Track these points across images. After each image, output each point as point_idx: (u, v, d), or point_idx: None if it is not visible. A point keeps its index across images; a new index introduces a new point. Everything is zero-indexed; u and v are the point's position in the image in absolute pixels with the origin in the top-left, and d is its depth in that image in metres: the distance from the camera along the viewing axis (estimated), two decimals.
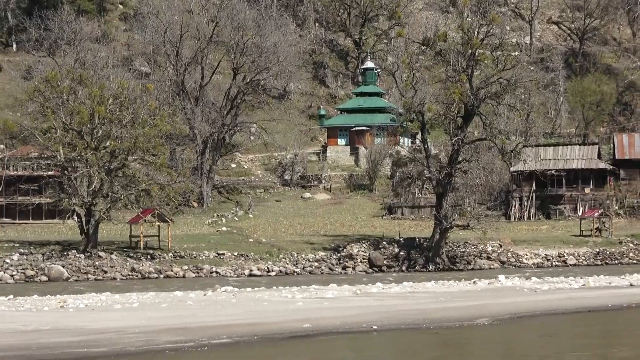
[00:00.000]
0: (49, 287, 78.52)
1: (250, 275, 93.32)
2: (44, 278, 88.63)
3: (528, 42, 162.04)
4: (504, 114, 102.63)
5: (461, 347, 40.86)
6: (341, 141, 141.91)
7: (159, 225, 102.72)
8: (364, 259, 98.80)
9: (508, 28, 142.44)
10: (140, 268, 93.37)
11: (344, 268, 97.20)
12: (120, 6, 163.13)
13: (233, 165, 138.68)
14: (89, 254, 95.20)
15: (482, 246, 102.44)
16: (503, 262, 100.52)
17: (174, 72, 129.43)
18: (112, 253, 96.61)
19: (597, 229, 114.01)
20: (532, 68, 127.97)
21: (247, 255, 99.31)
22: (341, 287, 67.15)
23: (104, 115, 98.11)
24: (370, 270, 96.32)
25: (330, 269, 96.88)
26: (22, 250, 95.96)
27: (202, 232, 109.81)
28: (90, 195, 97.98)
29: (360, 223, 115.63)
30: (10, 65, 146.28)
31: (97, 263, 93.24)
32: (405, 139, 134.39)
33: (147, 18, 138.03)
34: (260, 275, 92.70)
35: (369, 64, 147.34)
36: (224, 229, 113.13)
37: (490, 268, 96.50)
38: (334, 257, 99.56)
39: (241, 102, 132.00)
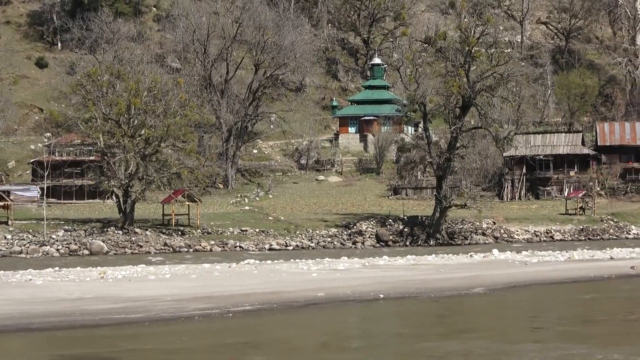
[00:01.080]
0: (91, 260, 78.64)
1: (270, 249, 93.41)
2: (86, 252, 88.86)
3: (519, 40, 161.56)
4: (498, 105, 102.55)
5: (459, 313, 40.80)
6: (351, 129, 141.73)
7: (188, 204, 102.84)
8: (371, 234, 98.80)
9: (501, 28, 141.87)
10: (172, 243, 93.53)
11: (354, 243, 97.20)
12: (154, 9, 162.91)
13: (255, 151, 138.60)
14: (126, 230, 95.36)
15: (478, 223, 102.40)
16: (496, 238, 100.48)
17: (201, 67, 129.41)
18: (146, 230, 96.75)
19: (581, 208, 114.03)
20: (522, 64, 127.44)
21: (267, 232, 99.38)
22: (351, 260, 67.09)
23: (139, 106, 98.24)
24: (378, 245, 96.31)
25: (341, 243, 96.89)
26: (67, 227, 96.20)
27: (227, 211, 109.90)
28: (127, 178, 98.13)
29: (368, 203, 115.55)
30: (55, 62, 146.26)
31: (133, 238, 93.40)
32: (409, 128, 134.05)
33: (178, 19, 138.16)
34: (279, 250, 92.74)
35: (377, 60, 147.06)
36: (247, 208, 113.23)
37: (485, 243, 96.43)
38: (345, 233, 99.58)
39: (262, 94, 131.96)
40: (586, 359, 27.21)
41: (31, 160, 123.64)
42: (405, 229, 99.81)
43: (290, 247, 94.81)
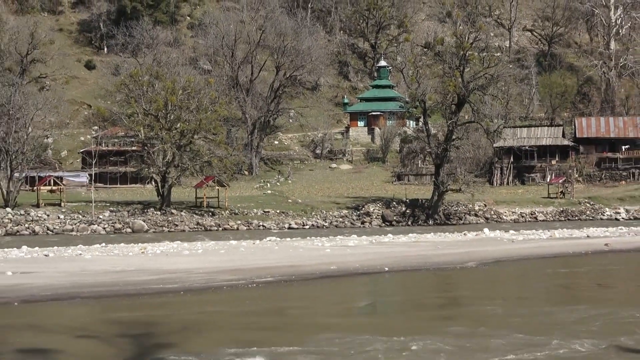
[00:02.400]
0: (132, 237, 78.79)
1: (289, 228, 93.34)
2: (129, 230, 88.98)
3: (507, 45, 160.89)
4: (489, 102, 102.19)
5: (454, 284, 40.85)
6: (360, 123, 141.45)
7: (218, 189, 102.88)
8: (378, 215, 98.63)
9: (492, 34, 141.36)
10: (204, 222, 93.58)
11: (362, 223, 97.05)
12: (188, 17, 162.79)
13: (276, 142, 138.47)
14: (163, 211, 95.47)
15: (471, 206, 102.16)
16: (487, 218, 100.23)
17: (229, 69, 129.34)
18: (181, 211, 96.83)
19: (561, 192, 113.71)
20: (510, 66, 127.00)
21: (286, 213, 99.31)
22: (360, 238, 67.09)
23: (175, 103, 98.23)
24: (383, 225, 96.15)
25: (351, 223, 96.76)
26: (112, 209, 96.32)
27: (251, 195, 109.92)
28: (165, 165, 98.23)
29: (375, 187, 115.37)
30: (102, 64, 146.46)
31: (170, 218, 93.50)
32: (411, 122, 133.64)
33: (209, 27, 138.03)
34: (297, 228, 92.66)
35: (382, 63, 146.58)
36: (269, 192, 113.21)
37: (477, 223, 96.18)
38: (355, 214, 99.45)
39: (282, 92, 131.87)
40: (566, 317, 27.67)
41: (81, 150, 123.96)
42: (407, 211, 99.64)
43: (307, 227, 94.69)
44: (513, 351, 22.23)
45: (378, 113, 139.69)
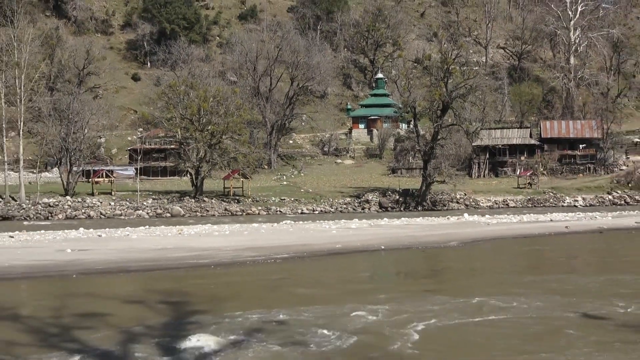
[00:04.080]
0: (171, 220, 79.01)
1: (301, 213, 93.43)
2: (168, 215, 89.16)
3: (484, 60, 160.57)
4: (468, 108, 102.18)
5: (439, 258, 40.84)
6: (361, 126, 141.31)
7: (242, 180, 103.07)
8: (375, 202, 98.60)
9: (471, 51, 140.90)
10: (230, 208, 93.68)
11: (362, 208, 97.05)
12: (217, 37, 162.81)
13: (290, 141, 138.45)
14: (197, 199, 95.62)
15: (453, 194, 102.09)
16: (467, 205, 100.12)
17: (252, 80, 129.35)
18: (212, 198, 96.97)
19: (528, 183, 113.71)
20: (486, 78, 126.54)
21: (299, 200, 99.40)
22: (361, 221, 67.16)
23: (206, 109, 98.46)
24: (380, 210, 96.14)
25: (353, 209, 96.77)
26: (154, 197, 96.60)
27: (270, 185, 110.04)
28: (198, 161, 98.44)
29: (373, 179, 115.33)
30: (145, 76, 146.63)
31: (202, 205, 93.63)
32: (403, 124, 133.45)
33: (235, 45, 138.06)
34: (308, 213, 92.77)
35: (380, 75, 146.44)
36: (285, 183, 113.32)
37: (458, 209, 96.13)
38: (356, 201, 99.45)
39: (296, 100, 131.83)
40: (532, 284, 27.51)
41: (128, 148, 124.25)
42: (400, 199, 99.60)
43: (317, 212, 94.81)
44: (486, 312, 22.49)
45: (376, 117, 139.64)
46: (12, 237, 48.91)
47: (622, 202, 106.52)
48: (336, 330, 19.98)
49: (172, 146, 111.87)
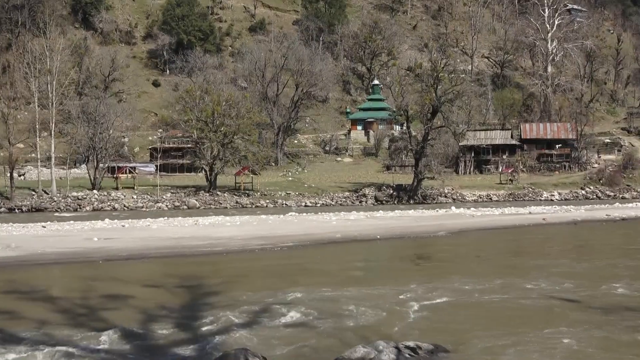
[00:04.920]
0: (188, 212, 79.04)
1: (305, 206, 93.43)
2: (185, 207, 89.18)
3: (470, 68, 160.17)
4: (456, 112, 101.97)
5: (429, 247, 40.85)
6: (359, 127, 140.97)
7: (252, 176, 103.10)
8: (372, 196, 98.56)
9: (458, 60, 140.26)
10: (241, 201, 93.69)
11: (360, 202, 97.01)
12: (230, 47, 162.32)
13: (295, 141, 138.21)
14: (211, 193, 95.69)
15: (442, 189, 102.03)
16: (454, 199, 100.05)
17: (260, 86, 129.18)
18: (224, 192, 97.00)
19: (510, 179, 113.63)
20: (472, 84, 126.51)
21: (303, 194, 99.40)
22: (358, 213, 67.13)
23: (220, 112, 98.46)
24: (376, 203, 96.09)
25: (352, 202, 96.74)
26: (172, 191, 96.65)
27: (277, 180, 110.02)
28: (212, 158, 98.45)
29: (369, 175, 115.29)
30: (165, 82, 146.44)
31: (215, 198, 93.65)
32: (397, 126, 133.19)
33: (245, 55, 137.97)
34: (311, 206, 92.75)
35: (376, 82, 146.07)
36: (290, 178, 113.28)
37: (446, 202, 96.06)
38: (354, 195, 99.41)
39: (300, 104, 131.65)
40: (512, 265, 27.51)
41: (149, 147, 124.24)
42: (394, 193, 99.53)
43: (319, 205, 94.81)
44: (470, 292, 22.48)
45: (372, 120, 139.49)
46: (45, 227, 49.04)
47: (594, 196, 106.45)
48: (339, 308, 19.99)
49: (189, 145, 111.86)
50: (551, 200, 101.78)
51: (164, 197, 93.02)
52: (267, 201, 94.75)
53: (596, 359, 15.25)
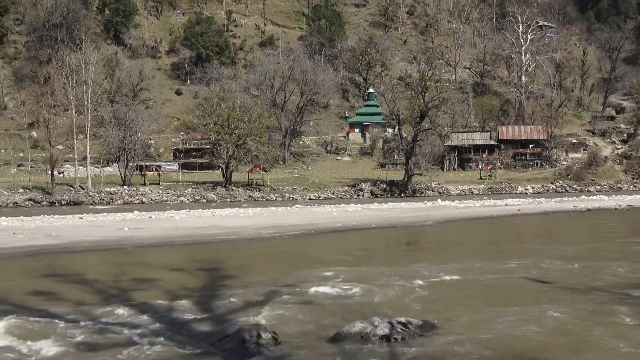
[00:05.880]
0: (206, 205, 79.13)
1: (309, 199, 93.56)
2: (204, 200, 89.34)
3: (453, 78, 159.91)
4: (441, 116, 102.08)
5: (418, 234, 40.82)
6: (357, 130, 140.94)
7: (262, 173, 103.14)
8: (368, 190, 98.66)
9: (443, 71, 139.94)
10: (253, 195, 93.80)
11: (357, 195, 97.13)
12: (243, 60, 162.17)
13: (300, 142, 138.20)
14: (226, 188, 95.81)
15: (429, 184, 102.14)
16: (440, 193, 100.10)
17: (270, 94, 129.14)
18: (238, 187, 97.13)
19: (489, 175, 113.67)
20: (455, 92, 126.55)
21: (308, 189, 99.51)
22: (356, 205, 67.24)
23: (234, 117, 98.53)
24: (371, 197, 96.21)
25: (350, 195, 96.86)
26: (193, 186, 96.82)
27: (284, 177, 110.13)
28: (227, 158, 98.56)
29: (366, 172, 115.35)
30: (186, 91, 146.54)
31: (231, 192, 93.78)
32: (390, 129, 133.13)
33: (257, 66, 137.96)
34: (315, 199, 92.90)
35: (371, 90, 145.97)
36: (296, 175, 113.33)
37: (433, 195, 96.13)
38: (353, 189, 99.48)
39: (305, 109, 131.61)
40: (491, 249, 27.56)
41: (172, 148, 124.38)
42: (387, 188, 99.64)
43: (321, 198, 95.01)
44: (456, 271, 22.44)
45: (368, 123, 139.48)
46: (81, 218, 49.08)
47: (563, 190, 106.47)
48: (340, 288, 19.95)
49: (207, 146, 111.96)
50: (525, 193, 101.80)
51: (186, 191, 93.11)
52: (276, 195, 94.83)
53: (578, 329, 15.16)
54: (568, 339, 14.44)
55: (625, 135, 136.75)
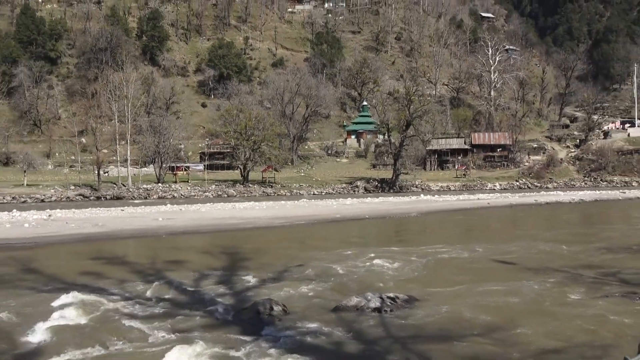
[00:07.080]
0: (227, 199, 79.00)
1: (313, 194, 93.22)
2: (225, 195, 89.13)
3: (434, 93, 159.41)
4: (423, 124, 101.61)
5: (405, 224, 40.76)
6: (353, 137, 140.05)
7: (274, 172, 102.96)
8: (362, 187, 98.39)
9: (425, 87, 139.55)
10: (266, 191, 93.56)
11: (353, 191, 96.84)
12: (258, 78, 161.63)
13: (306, 147, 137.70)
14: (244, 185, 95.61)
15: (414, 182, 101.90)
16: (423, 189, 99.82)
17: (280, 107, 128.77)
18: (254, 185, 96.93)
19: (463, 174, 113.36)
20: (435, 105, 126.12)
21: (312, 186, 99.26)
22: (352, 200, 67.15)
23: (250, 125, 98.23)
24: (365, 192, 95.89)
25: (347, 191, 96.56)
26: (216, 184, 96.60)
27: (292, 176, 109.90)
28: (245, 160, 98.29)
29: (361, 172, 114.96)
30: (210, 104, 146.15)
31: (248, 189, 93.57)
32: (381, 135, 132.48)
33: (269, 83, 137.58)
34: (318, 194, 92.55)
35: (365, 103, 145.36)
36: (302, 174, 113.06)
37: (417, 191, 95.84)
38: (350, 186, 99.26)
39: (309, 119, 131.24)
40: (467, 235, 27.41)
41: (199, 151, 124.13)
42: (379, 184, 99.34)
43: (323, 193, 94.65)
44: (438, 253, 22.37)
45: (362, 131, 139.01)
46: (123, 210, 49.09)
47: (526, 187, 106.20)
48: (341, 267, 19.96)
49: (228, 150, 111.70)
50: (494, 189, 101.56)
51: (210, 188, 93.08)
52: (285, 191, 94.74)
53: (548, 302, 15.14)
54: (528, 307, 14.46)
55: (578, 140, 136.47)
